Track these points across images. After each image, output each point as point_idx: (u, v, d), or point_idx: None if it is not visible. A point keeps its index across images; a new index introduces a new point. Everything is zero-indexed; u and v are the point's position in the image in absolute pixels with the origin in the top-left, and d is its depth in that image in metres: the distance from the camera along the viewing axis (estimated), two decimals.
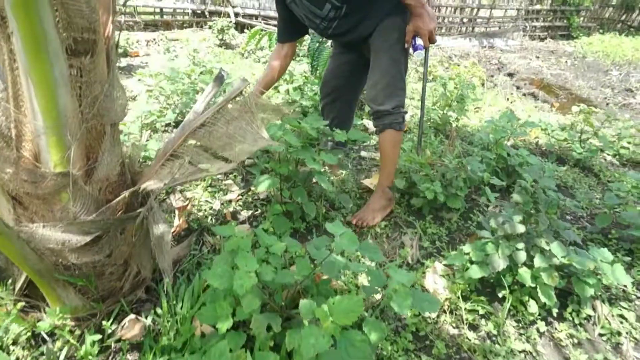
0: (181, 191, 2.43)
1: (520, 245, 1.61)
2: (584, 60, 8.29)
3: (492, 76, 6.36)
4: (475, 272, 1.61)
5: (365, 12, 2.02)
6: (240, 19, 7.17)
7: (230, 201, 2.38)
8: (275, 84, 3.85)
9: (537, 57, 8.20)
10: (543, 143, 3.43)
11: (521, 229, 1.63)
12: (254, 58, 5.37)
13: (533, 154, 2.75)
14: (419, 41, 1.99)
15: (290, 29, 2.27)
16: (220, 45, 6.23)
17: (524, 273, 1.60)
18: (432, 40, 1.99)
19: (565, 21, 10.34)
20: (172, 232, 1.96)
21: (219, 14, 7.05)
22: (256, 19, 7.34)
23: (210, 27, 6.32)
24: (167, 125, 3.23)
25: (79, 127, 1.14)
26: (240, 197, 2.40)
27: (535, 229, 1.72)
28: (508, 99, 5.16)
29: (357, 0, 1.97)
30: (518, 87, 5.71)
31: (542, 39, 10.04)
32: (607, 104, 5.59)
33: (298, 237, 2.02)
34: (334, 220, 1.56)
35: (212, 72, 4.06)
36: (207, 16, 7.04)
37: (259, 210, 2.24)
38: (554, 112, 4.86)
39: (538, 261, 1.57)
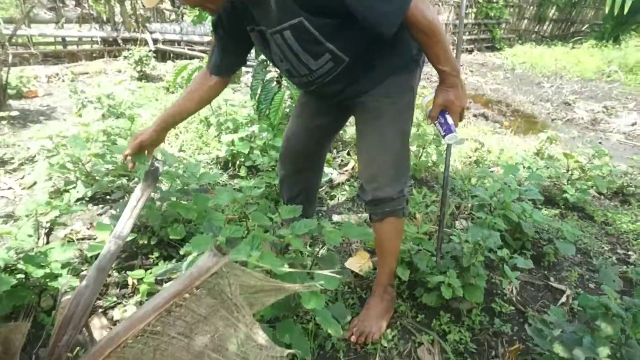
0: (104, 312, 1.72)
1: None
2: (514, 72, 8.45)
3: None
4: None
5: (370, 67, 1.47)
6: (160, 45, 6.37)
7: None
8: (216, 133, 3.22)
9: (471, 72, 8.21)
10: (522, 179, 3.11)
11: None
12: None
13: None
14: (450, 120, 1.43)
15: (229, 61, 1.64)
16: (139, 78, 5.41)
17: None
18: (461, 119, 1.47)
19: (488, 33, 10.63)
20: None
21: (134, 41, 6.20)
22: (179, 44, 6.57)
23: (125, 57, 5.47)
24: (79, 201, 2.47)
25: None
26: None
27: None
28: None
29: (364, 54, 1.41)
30: (467, 108, 5.49)
31: (469, 52, 10.21)
32: (552, 120, 5.55)
33: None
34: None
35: (133, 120, 3.32)
36: (121, 44, 6.16)
37: None
38: (509, 134, 4.66)
39: None
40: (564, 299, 1.93)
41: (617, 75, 8.07)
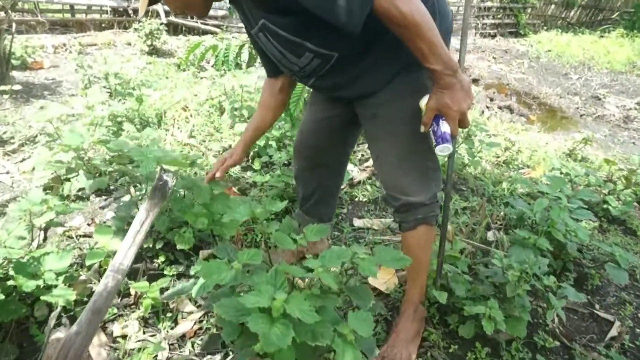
0: (104, 327, 1.55)
1: None
2: (539, 61, 8.07)
3: None
4: None
5: (372, 63, 1.29)
6: (172, 18, 6.09)
7: (183, 337, 1.55)
8: (229, 120, 3.00)
9: (494, 58, 7.85)
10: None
11: None
12: (194, 71, 4.41)
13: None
14: (445, 127, 1.19)
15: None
16: (149, 53, 5.16)
17: None
18: (463, 125, 1.22)
19: (513, 18, 10.17)
20: None
21: (146, 12, 5.93)
22: (192, 18, 6.28)
23: (135, 30, 5.21)
24: (81, 190, 2.28)
25: None
26: (199, 325, 1.59)
27: None
28: (483, 112, 4.64)
29: (358, 47, 1.23)
30: (492, 99, 5.22)
31: (492, 37, 9.79)
32: (581, 116, 5.26)
33: None
34: None
35: (141, 101, 3.10)
36: (132, 15, 5.89)
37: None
38: (537, 130, 4.39)
39: None
40: (613, 332, 1.73)
41: None
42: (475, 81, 6.23)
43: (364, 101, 1.40)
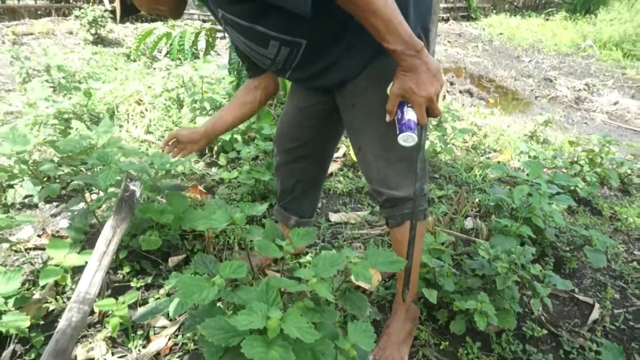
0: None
1: None
2: (492, 44, 8.23)
3: None
4: None
5: (344, 49, 1.19)
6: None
7: (157, 355, 1.41)
8: (190, 114, 2.80)
9: (449, 42, 7.94)
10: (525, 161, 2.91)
11: None
12: (145, 62, 4.13)
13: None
14: (410, 114, 1.08)
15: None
16: (94, 42, 4.79)
17: None
18: (433, 113, 1.10)
19: (464, 2, 10.32)
20: None
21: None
22: (166, 20, 5.88)
23: (77, 17, 4.81)
24: (27, 197, 2.05)
25: None
26: (174, 341, 1.46)
27: None
28: (445, 97, 4.65)
29: (325, 33, 1.14)
30: (452, 83, 5.25)
31: (445, 20, 9.89)
32: (536, 97, 5.40)
33: None
34: None
35: (89, 95, 2.85)
36: (71, 1, 5.44)
37: None
38: (497, 113, 4.45)
39: None
40: (595, 314, 1.75)
41: (593, 50, 8.02)
42: None
43: (342, 90, 1.30)
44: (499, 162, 2.95)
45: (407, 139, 1.07)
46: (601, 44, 8.44)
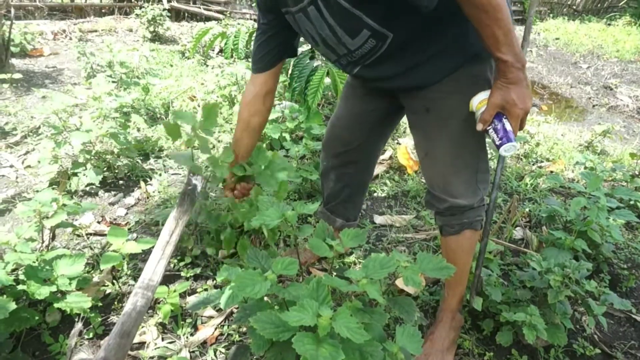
0: None
1: None
2: (547, 49, 7.92)
3: None
4: None
5: (435, 50, 1.16)
6: (174, 3, 5.91)
7: (204, 344, 1.47)
8: None
9: None
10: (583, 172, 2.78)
11: None
12: (199, 59, 4.27)
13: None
14: (508, 124, 1.09)
15: (277, 50, 1.38)
16: (152, 40, 5.01)
17: None
18: (522, 126, 1.12)
19: (519, 5, 9.98)
20: None
21: None
22: (194, 3, 6.10)
23: (137, 16, 5.05)
24: (89, 185, 2.18)
25: None
26: (220, 331, 1.51)
27: None
28: None
29: (418, 30, 1.12)
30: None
31: None
32: (594, 106, 5.15)
33: None
34: None
35: (147, 90, 2.99)
36: (133, 0, 5.71)
37: None
38: (551, 121, 4.27)
39: None
40: None
41: None
42: None
43: (416, 93, 1.27)
44: (551, 171, 2.84)
45: (509, 149, 1.09)
46: None
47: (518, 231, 2.16)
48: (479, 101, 1.13)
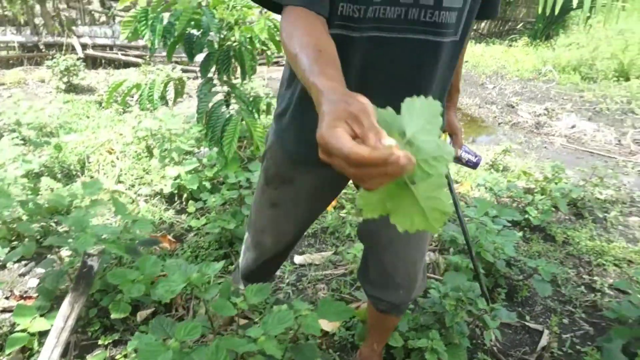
0: None
1: None
2: None
3: None
4: None
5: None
6: (89, 51, 5.81)
7: None
8: (160, 165, 2.89)
9: None
10: (476, 198, 3.06)
11: None
12: (117, 108, 4.23)
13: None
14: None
15: None
16: (67, 90, 4.88)
17: None
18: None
19: None
20: None
21: (59, 46, 5.60)
22: (111, 49, 6.03)
23: (49, 67, 4.91)
24: (20, 261, 2.10)
25: None
26: None
27: None
28: None
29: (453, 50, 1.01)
30: None
31: None
32: (499, 124, 5.66)
33: None
34: None
35: (60, 149, 2.93)
36: (43, 50, 5.54)
37: None
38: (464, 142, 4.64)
39: None
40: (543, 341, 1.86)
41: (552, 74, 8.43)
42: None
43: None
44: (459, 192, 3.10)
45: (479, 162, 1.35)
46: (560, 68, 8.89)
47: (427, 256, 2.34)
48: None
